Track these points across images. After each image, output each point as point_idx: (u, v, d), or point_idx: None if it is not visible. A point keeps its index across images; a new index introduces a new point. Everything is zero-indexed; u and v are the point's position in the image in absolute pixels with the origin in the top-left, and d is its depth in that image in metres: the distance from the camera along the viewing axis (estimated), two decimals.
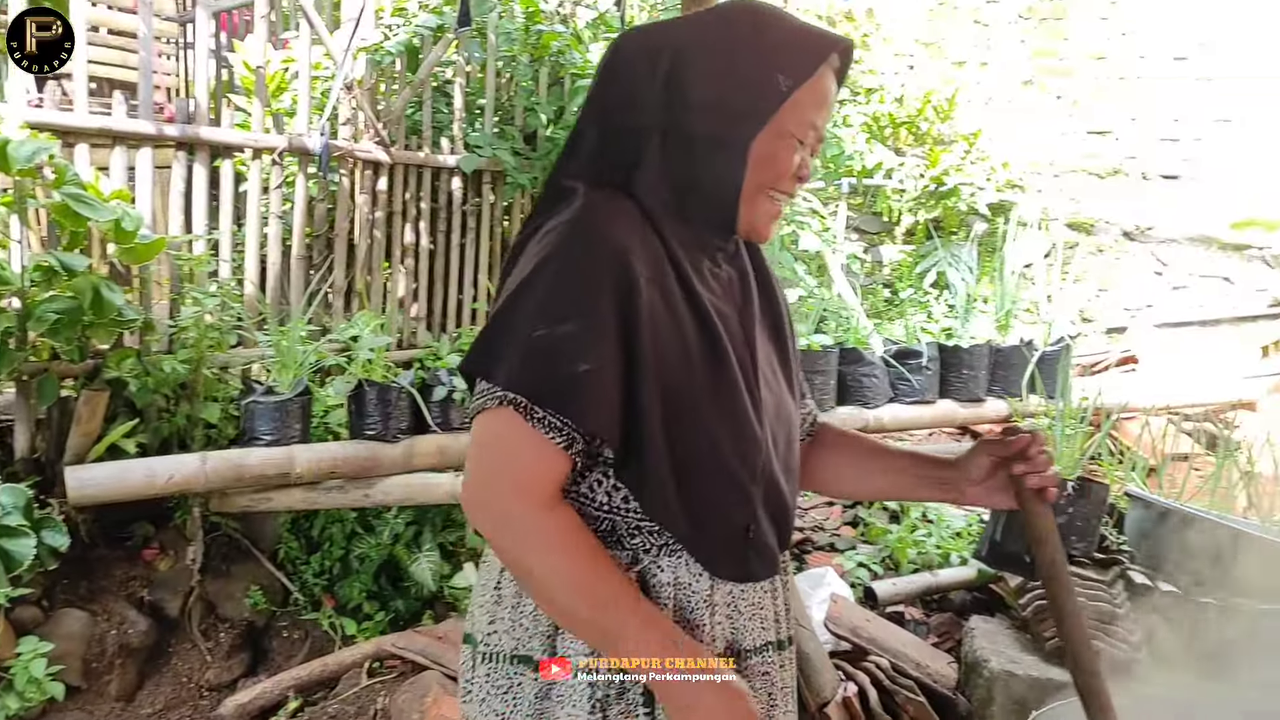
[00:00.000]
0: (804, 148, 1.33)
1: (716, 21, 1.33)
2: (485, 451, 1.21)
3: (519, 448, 1.18)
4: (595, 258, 1.21)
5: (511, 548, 1.20)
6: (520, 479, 1.18)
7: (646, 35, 1.39)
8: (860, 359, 4.54)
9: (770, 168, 1.30)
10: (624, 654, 1.18)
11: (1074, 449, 3.68)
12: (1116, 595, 3.41)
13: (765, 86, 1.27)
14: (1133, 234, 7.09)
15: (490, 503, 1.19)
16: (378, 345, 3.79)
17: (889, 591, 3.81)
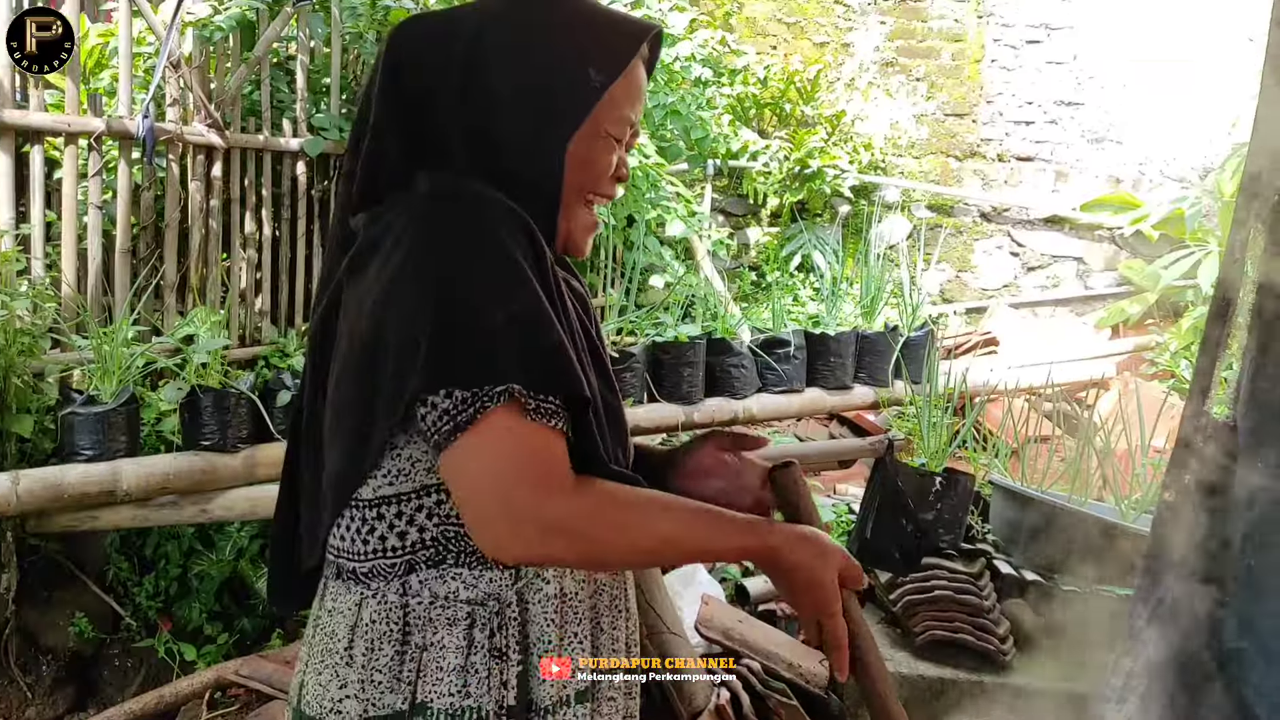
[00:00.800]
0: (619, 146, 1.23)
1: (515, 9, 1.20)
2: (502, 462, 1.04)
3: (535, 443, 1.05)
4: (501, 222, 1.09)
5: (585, 548, 1.08)
6: (552, 475, 1.06)
7: (430, 25, 1.23)
8: (728, 349, 4.45)
9: (588, 170, 1.20)
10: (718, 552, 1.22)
11: (940, 438, 3.66)
12: (984, 588, 3.41)
13: (577, 83, 1.16)
14: (990, 215, 7.22)
15: (536, 516, 1.04)
16: (213, 348, 3.49)
17: (761, 589, 3.74)
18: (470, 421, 1.03)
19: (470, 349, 1.03)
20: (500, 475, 1.04)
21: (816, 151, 6.79)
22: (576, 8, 1.21)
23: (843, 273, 6.49)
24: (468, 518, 1.08)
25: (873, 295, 5.18)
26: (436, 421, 1.05)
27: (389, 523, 1.16)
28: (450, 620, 1.14)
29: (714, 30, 6.73)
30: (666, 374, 4.42)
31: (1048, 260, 7.14)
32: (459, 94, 1.15)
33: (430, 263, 1.06)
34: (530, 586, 1.17)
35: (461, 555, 1.15)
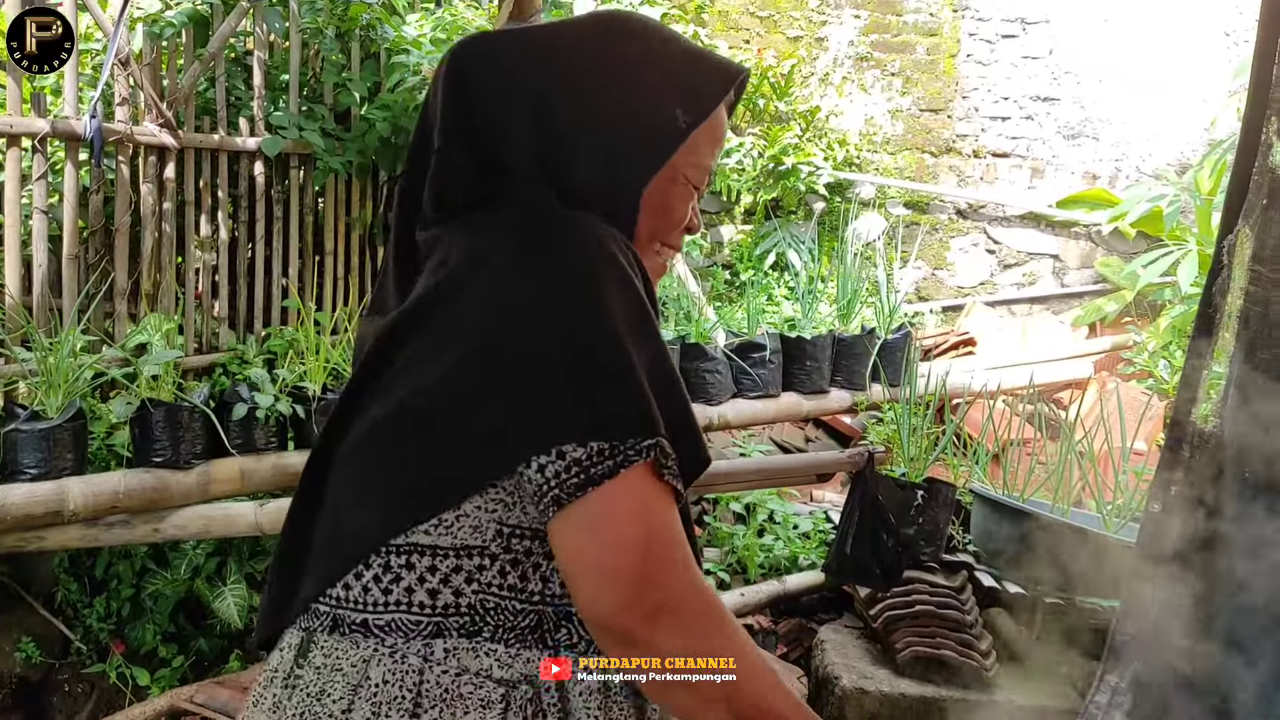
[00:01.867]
0: (695, 194, 1.15)
1: (596, 39, 1.11)
2: (638, 526, 0.94)
3: (668, 509, 0.96)
4: (624, 252, 1.01)
5: (686, 641, 0.95)
6: (680, 547, 0.96)
7: (502, 48, 1.12)
8: (703, 355, 4.33)
9: (664, 218, 1.12)
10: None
11: (920, 445, 3.56)
12: (966, 601, 3.32)
13: (661, 124, 1.08)
14: (966, 212, 7.15)
15: (660, 590, 0.94)
16: (165, 360, 3.34)
17: (737, 603, 3.65)
18: (607, 476, 0.92)
19: (619, 394, 0.94)
20: (634, 541, 0.93)
21: (791, 148, 6.69)
22: (666, 42, 1.12)
23: (818, 271, 6.39)
24: (578, 581, 0.96)
25: (849, 297, 5.08)
26: (560, 474, 0.93)
27: (419, 574, 1.03)
28: (482, 701, 1.01)
29: (686, 24, 6.60)
30: None
31: (1024, 258, 7.08)
32: (533, 126, 1.07)
33: (565, 291, 0.97)
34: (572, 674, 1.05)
35: (500, 630, 1.03)
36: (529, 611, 1.04)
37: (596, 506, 0.93)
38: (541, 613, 1.05)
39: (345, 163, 4.58)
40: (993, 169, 7.14)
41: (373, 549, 1.04)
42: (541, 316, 0.96)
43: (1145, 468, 4.00)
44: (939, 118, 7.20)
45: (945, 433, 3.77)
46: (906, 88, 7.21)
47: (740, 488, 3.61)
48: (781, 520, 4.05)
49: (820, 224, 7.00)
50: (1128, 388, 5.42)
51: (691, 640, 0.96)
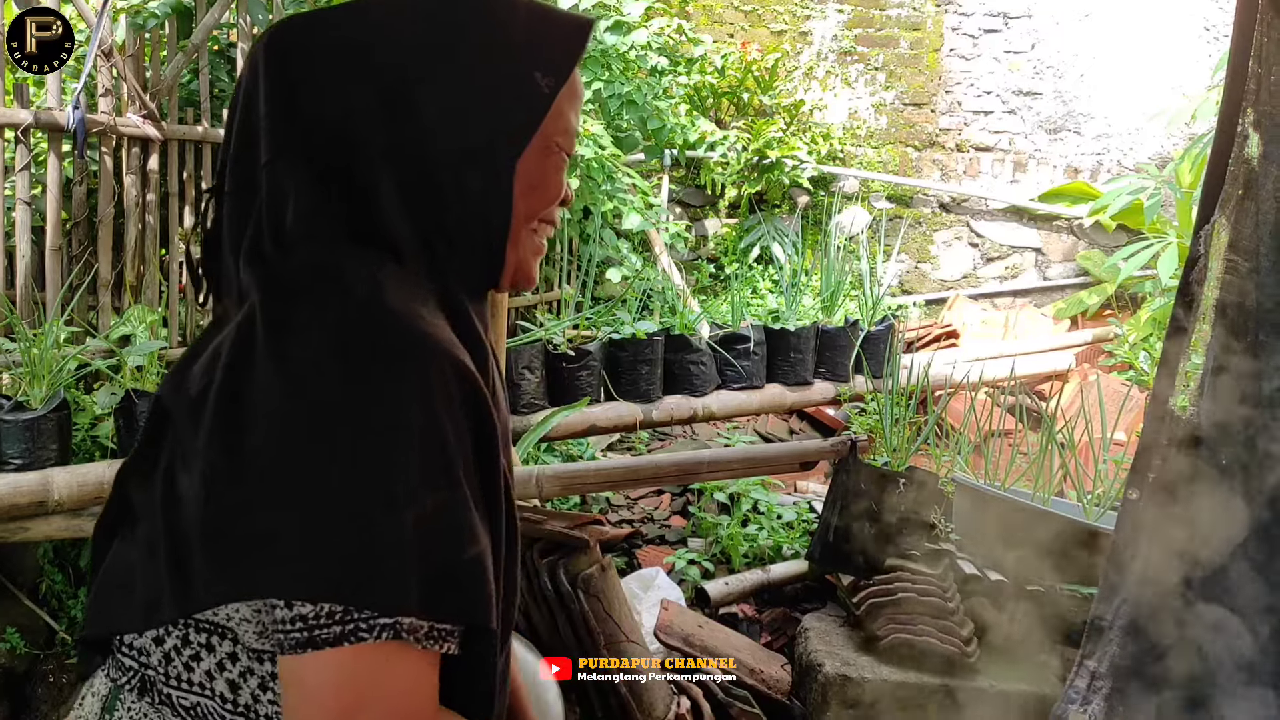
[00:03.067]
0: (566, 162, 1.05)
1: (435, 6, 0.98)
2: (358, 699, 0.82)
3: (407, 683, 0.84)
4: (429, 370, 0.84)
5: None
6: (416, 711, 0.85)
7: (324, 27, 0.98)
8: (687, 346, 4.36)
9: (540, 194, 1.02)
10: None
11: (903, 436, 3.59)
12: (948, 589, 3.35)
13: (525, 90, 0.97)
14: (949, 206, 7.19)
15: None
16: (149, 351, 3.34)
17: (721, 592, 3.67)
18: (330, 643, 0.81)
19: (370, 560, 0.80)
20: (349, 712, 0.81)
21: (775, 142, 6.71)
22: (501, 6, 1.00)
23: (802, 264, 6.43)
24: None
25: (833, 289, 5.12)
26: (285, 623, 0.82)
27: (219, 660, 0.94)
28: None
29: (670, 18, 6.62)
30: (624, 371, 4.32)
31: (1006, 251, 7.13)
32: (381, 113, 0.95)
33: (359, 431, 0.81)
34: None
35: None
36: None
37: (311, 668, 0.81)
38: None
39: None
40: (975, 163, 7.18)
41: (169, 620, 0.94)
42: (326, 452, 0.81)
43: (1124, 457, 4.04)
44: (922, 112, 7.24)
45: (927, 423, 3.80)
46: (890, 82, 7.25)
47: (724, 476, 3.64)
48: (766, 510, 4.07)
49: (804, 218, 7.03)
50: (1108, 379, 5.47)
51: None
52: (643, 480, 3.26)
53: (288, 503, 0.81)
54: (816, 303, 5.30)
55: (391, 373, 0.83)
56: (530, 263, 1.05)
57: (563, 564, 2.94)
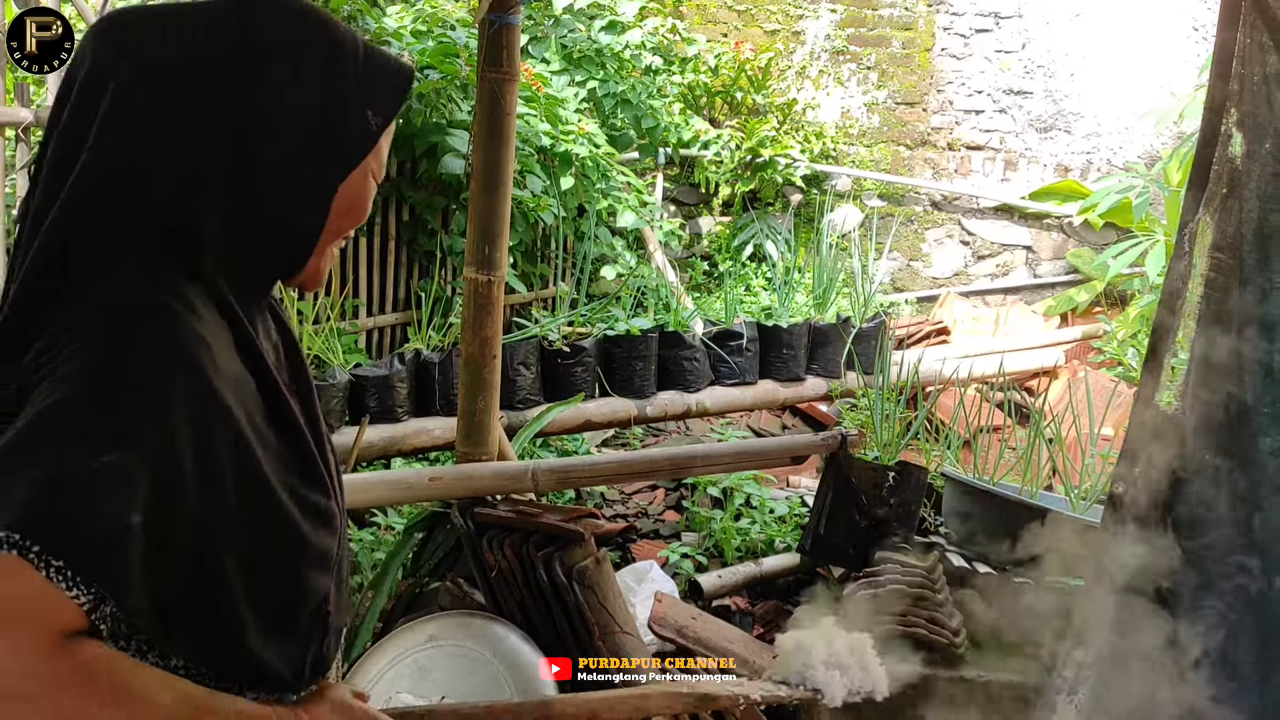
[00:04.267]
0: (375, 186, 1.17)
1: (279, 28, 1.06)
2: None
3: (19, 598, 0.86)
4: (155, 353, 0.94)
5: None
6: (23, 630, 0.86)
7: (160, 36, 1.04)
8: (680, 343, 4.40)
9: (353, 212, 1.13)
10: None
11: (893, 429, 3.64)
12: (937, 581, 3.40)
13: (358, 125, 1.08)
14: (940, 204, 7.25)
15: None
16: None
17: (714, 584, 3.71)
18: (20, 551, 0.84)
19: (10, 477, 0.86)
20: None
21: (768, 140, 6.76)
22: (347, 40, 1.10)
23: (795, 262, 6.48)
24: None
25: (825, 286, 5.17)
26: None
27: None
28: None
29: (664, 18, 6.67)
30: (618, 368, 4.36)
31: (997, 249, 7.19)
32: (218, 126, 1.02)
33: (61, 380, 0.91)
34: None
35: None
36: None
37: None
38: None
39: None
40: (967, 161, 7.24)
41: None
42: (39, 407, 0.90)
43: (1111, 452, 4.10)
44: (914, 111, 7.30)
45: (917, 418, 3.86)
46: (882, 81, 7.30)
47: (717, 470, 3.68)
48: (758, 505, 4.12)
49: (797, 216, 7.09)
50: (1097, 375, 5.53)
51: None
52: (636, 474, 3.30)
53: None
54: (809, 300, 5.35)
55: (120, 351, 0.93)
56: (325, 270, 1.16)
57: (558, 557, 2.98)
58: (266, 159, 1.03)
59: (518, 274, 5.18)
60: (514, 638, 2.95)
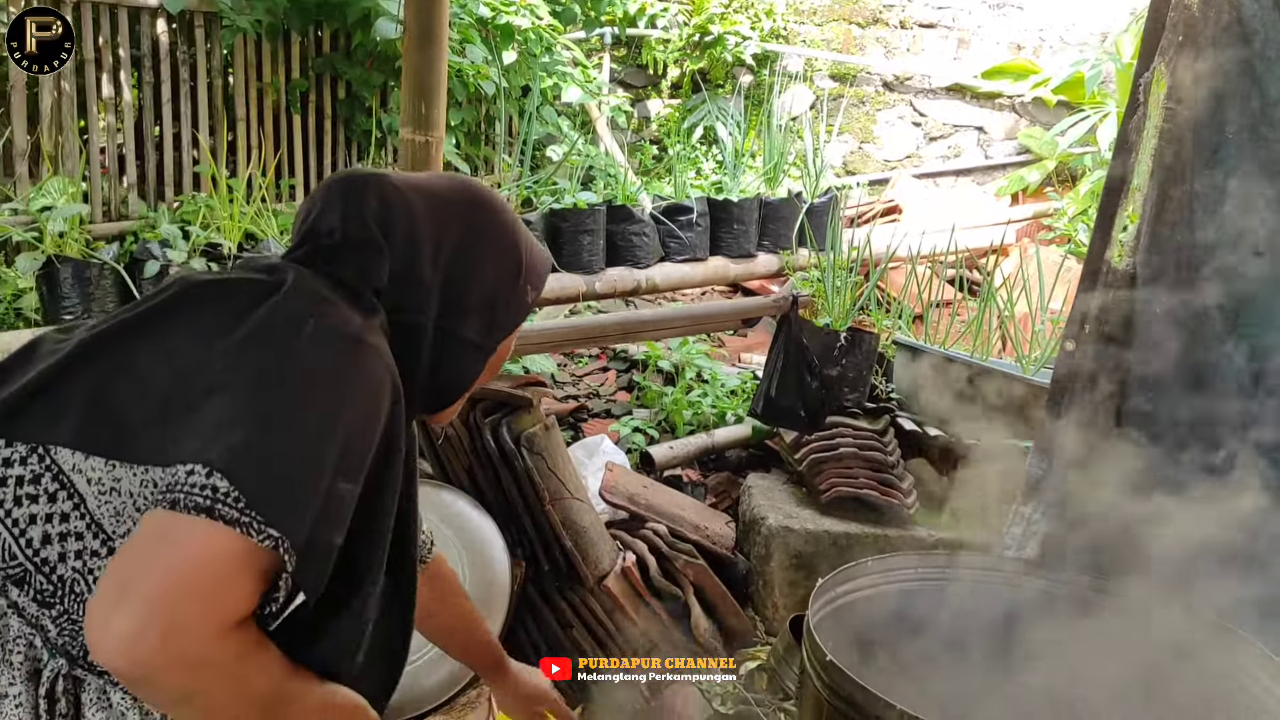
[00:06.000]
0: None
1: (478, 212, 1.27)
2: (193, 573, 0.93)
3: (234, 594, 0.95)
4: (384, 390, 1.08)
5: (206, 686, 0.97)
6: (214, 622, 0.94)
7: (410, 202, 1.23)
8: (629, 217, 4.30)
9: (495, 369, 1.32)
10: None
11: (844, 300, 3.60)
12: (888, 443, 3.40)
13: (522, 301, 1.29)
14: (892, 84, 7.13)
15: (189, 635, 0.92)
16: (71, 215, 3.21)
17: (666, 455, 3.69)
18: (224, 522, 0.93)
19: (293, 487, 0.97)
20: (179, 577, 0.92)
21: (717, 18, 6.57)
22: (516, 220, 1.31)
23: (745, 145, 6.35)
24: (110, 584, 0.93)
25: (775, 161, 5.06)
26: (194, 487, 0.94)
27: (50, 513, 1.05)
28: (18, 670, 1.07)
29: None
30: (566, 242, 4.26)
31: (949, 130, 7.11)
32: (438, 284, 1.21)
33: (330, 388, 1.03)
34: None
35: (66, 616, 1.06)
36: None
37: (193, 531, 0.93)
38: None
39: (254, 22, 4.38)
40: (919, 40, 7.10)
41: (40, 440, 1.05)
42: (305, 391, 1.01)
43: (1062, 317, 4.10)
44: None
45: (868, 287, 3.82)
46: None
47: (668, 334, 3.62)
48: (710, 379, 4.08)
49: (747, 98, 6.93)
50: (1047, 251, 5.53)
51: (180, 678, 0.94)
52: (586, 339, 3.23)
53: (265, 419, 0.98)
54: (760, 179, 5.24)
55: (371, 381, 1.06)
56: (456, 411, 1.32)
57: (506, 422, 2.92)
58: (461, 323, 1.23)
59: (461, 155, 5.02)
60: (462, 503, 2.90)
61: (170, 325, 1.09)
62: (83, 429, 1.04)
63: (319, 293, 1.11)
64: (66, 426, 1.04)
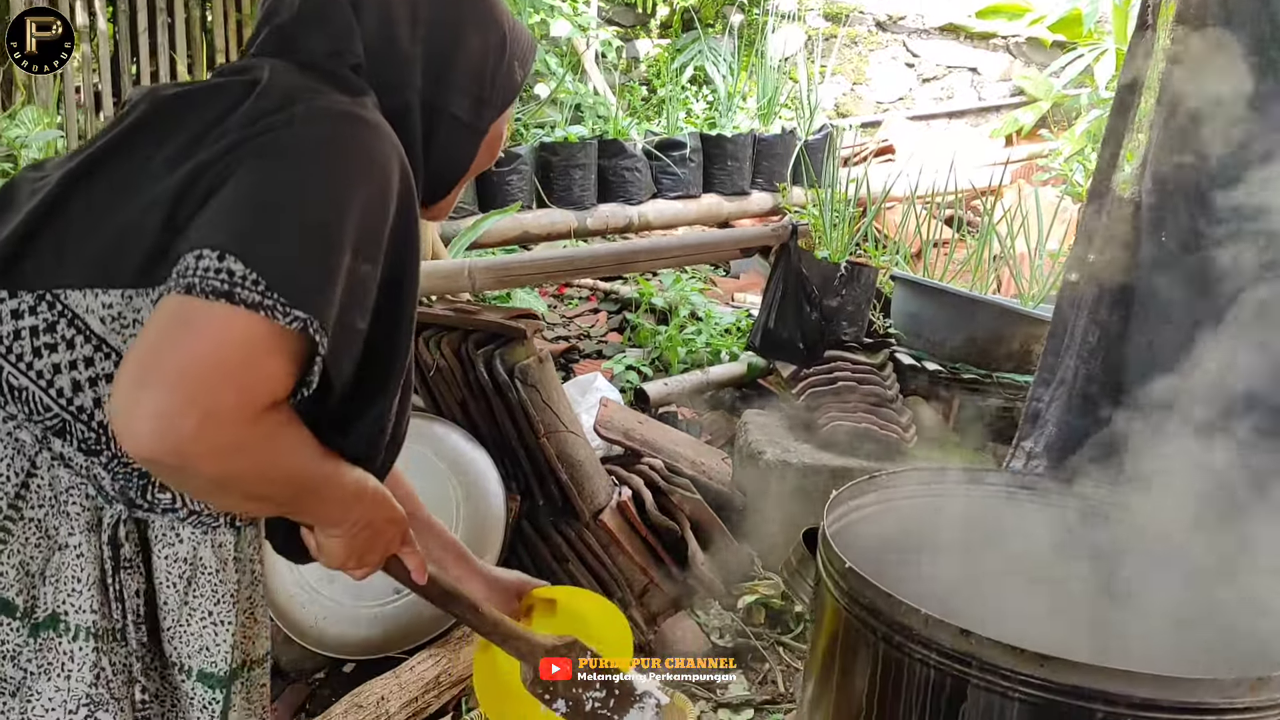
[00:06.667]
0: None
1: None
2: (219, 356, 0.89)
3: (282, 373, 0.93)
4: (395, 167, 1.02)
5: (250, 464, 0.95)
6: (241, 397, 0.90)
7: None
8: (621, 151, 4.21)
9: (491, 153, 1.25)
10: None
11: (842, 234, 3.53)
12: (887, 378, 3.36)
13: (511, 77, 1.22)
14: (885, 24, 7.01)
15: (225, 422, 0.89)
16: (46, 141, 3.10)
17: (660, 392, 3.63)
18: (245, 305, 0.88)
19: (311, 264, 0.93)
20: (203, 359, 0.88)
21: None
22: (503, 6, 1.23)
23: (736, 86, 6.23)
24: (131, 372, 0.88)
25: (770, 96, 4.96)
26: (210, 271, 0.89)
27: (74, 359, 1.01)
28: (84, 522, 1.03)
29: None
30: (556, 177, 4.16)
31: (943, 71, 7.00)
32: (419, 58, 1.14)
33: (340, 166, 0.98)
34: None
35: (116, 460, 1.03)
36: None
37: (210, 315, 0.88)
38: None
39: None
40: None
41: (46, 285, 1.00)
42: (307, 168, 0.97)
43: (1062, 253, 4.05)
44: None
45: (865, 222, 3.75)
46: None
47: (664, 265, 3.54)
48: (705, 315, 4.01)
49: (738, 38, 6.80)
50: (1044, 191, 5.46)
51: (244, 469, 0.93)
52: (579, 270, 3.16)
53: (271, 202, 0.94)
54: (753, 118, 5.14)
55: (375, 154, 1.00)
56: (453, 205, 1.29)
57: (499, 354, 2.85)
58: (448, 102, 1.15)
59: None
60: (455, 436, 2.84)
61: (152, 140, 1.03)
62: (89, 265, 0.99)
63: (299, 81, 1.05)
64: (71, 267, 0.99)
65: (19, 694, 1.04)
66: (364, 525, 1.10)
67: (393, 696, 2.29)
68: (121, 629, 1.06)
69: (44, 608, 1.03)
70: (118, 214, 1.00)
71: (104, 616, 1.04)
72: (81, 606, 1.03)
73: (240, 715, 1.15)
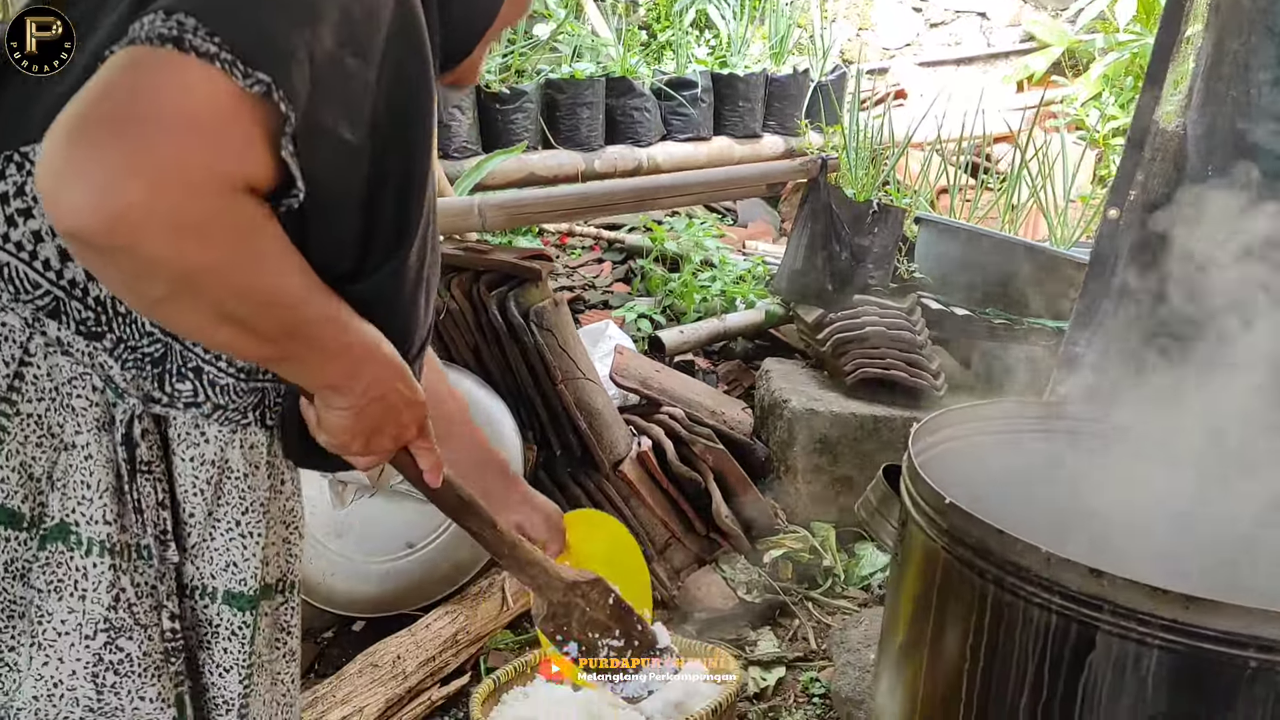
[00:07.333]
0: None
1: None
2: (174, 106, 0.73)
3: (239, 137, 0.76)
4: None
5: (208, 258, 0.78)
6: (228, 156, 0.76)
7: None
8: (630, 90, 4.02)
9: (518, 10, 1.08)
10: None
11: (867, 176, 3.36)
12: (916, 323, 3.21)
13: None
14: None
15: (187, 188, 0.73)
16: None
17: (677, 340, 3.48)
18: (199, 54, 0.73)
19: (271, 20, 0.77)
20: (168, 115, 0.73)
21: None
22: None
23: (740, 32, 6.01)
24: (64, 124, 0.72)
25: (782, 35, 4.76)
26: (158, 22, 0.74)
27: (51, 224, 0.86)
28: (89, 417, 0.90)
29: None
30: (563, 116, 3.97)
31: (951, 16, 6.80)
32: None
33: None
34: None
35: (122, 346, 0.90)
36: (158, 340, 0.90)
37: (158, 62, 0.73)
38: (169, 348, 0.91)
39: None
40: None
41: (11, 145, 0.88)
42: None
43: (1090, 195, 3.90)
44: None
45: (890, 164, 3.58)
46: None
47: (686, 202, 3.37)
48: (719, 262, 3.83)
49: None
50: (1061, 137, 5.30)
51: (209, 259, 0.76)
52: (596, 208, 2.98)
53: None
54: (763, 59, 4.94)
55: None
56: (479, 68, 1.11)
57: (513, 296, 2.69)
58: None
59: None
60: (468, 383, 2.68)
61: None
62: (55, 112, 0.80)
63: None
64: (36, 118, 0.85)
65: (28, 615, 0.90)
66: (375, 398, 0.92)
67: (409, 655, 2.16)
68: (144, 544, 0.92)
69: (52, 517, 0.90)
70: (83, 53, 0.88)
71: (121, 529, 0.90)
72: (94, 517, 0.89)
73: (267, 643, 1.00)
